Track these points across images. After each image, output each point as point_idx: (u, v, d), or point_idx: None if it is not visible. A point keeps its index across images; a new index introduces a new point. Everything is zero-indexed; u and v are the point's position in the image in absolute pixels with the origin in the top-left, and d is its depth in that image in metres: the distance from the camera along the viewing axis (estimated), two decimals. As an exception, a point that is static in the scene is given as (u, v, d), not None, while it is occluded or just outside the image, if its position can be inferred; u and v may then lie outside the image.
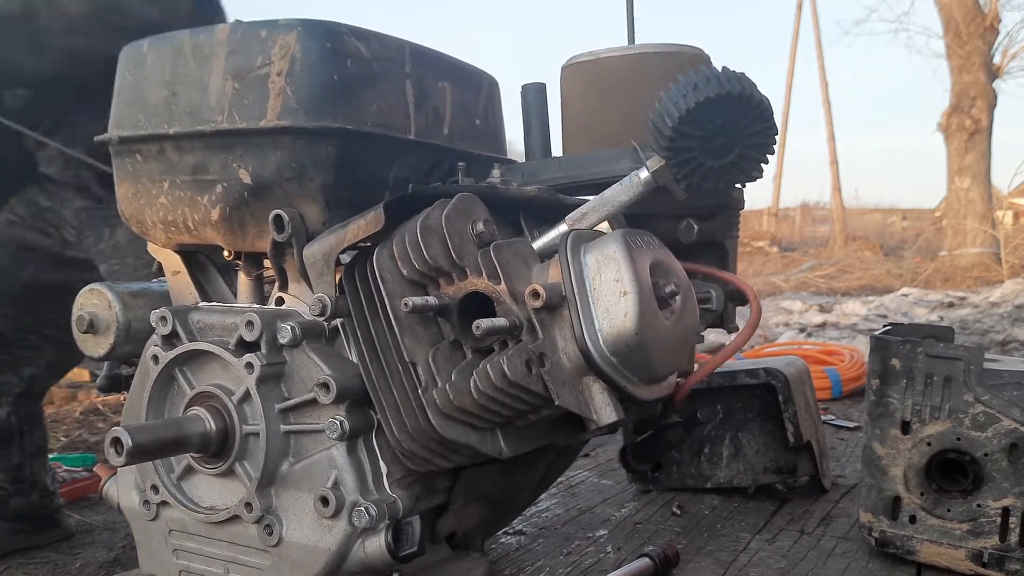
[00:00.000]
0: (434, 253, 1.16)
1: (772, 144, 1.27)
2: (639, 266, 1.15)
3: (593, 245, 1.18)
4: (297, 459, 1.25)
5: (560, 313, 1.14)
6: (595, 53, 1.53)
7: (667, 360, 1.22)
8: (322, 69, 1.22)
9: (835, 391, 3.55)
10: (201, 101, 1.27)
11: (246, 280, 1.37)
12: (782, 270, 12.39)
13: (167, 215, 1.33)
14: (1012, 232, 12.58)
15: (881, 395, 1.74)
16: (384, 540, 1.20)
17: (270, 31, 1.23)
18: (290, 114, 1.21)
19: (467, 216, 1.19)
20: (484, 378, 1.11)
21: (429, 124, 1.36)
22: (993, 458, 1.63)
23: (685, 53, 1.51)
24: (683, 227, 1.52)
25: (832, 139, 20.28)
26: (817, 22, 24.54)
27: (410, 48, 1.34)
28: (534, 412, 1.17)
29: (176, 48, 1.30)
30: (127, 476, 1.39)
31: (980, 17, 12.17)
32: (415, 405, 1.18)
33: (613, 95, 1.50)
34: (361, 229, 1.20)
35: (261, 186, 1.24)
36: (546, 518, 2.08)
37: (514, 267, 1.17)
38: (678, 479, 2.25)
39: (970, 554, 1.65)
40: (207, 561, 1.32)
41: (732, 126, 1.24)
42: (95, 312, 1.40)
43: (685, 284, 1.27)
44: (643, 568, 1.67)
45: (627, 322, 1.12)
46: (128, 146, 1.35)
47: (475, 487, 1.41)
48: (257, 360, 1.22)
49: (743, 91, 1.22)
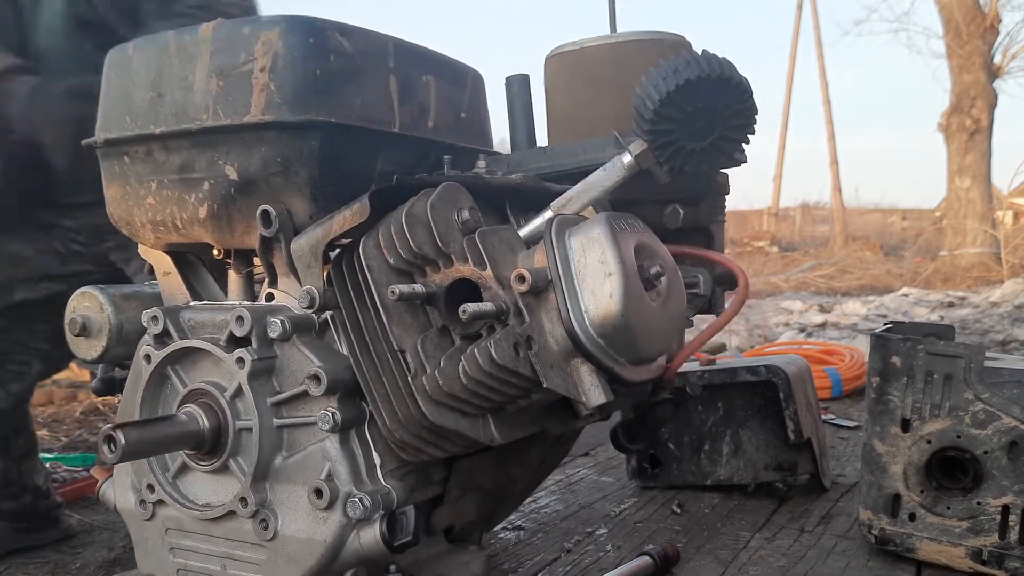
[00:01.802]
0: (420, 241, 1.16)
1: (752, 124, 1.27)
2: (623, 248, 1.16)
3: (578, 228, 1.18)
4: (290, 452, 1.25)
5: (546, 296, 1.15)
6: (578, 43, 1.54)
7: (654, 341, 1.23)
8: (305, 64, 1.23)
9: (835, 390, 3.55)
10: (186, 100, 1.28)
11: (236, 277, 1.38)
12: (782, 270, 12.40)
13: (156, 215, 1.34)
14: (1012, 232, 12.59)
15: (881, 392, 1.73)
16: (379, 530, 1.20)
17: (253, 28, 1.24)
18: (274, 109, 1.22)
19: (452, 204, 1.20)
20: (472, 363, 1.11)
21: (414, 118, 1.37)
22: (993, 456, 1.62)
23: (667, 40, 1.52)
24: (668, 212, 1.53)
25: (832, 139, 20.37)
26: (817, 22, 24.73)
27: (394, 43, 1.35)
28: (524, 396, 1.17)
29: (161, 48, 1.31)
30: (123, 477, 1.40)
31: (980, 17, 12.21)
32: (405, 393, 1.18)
33: (597, 84, 1.51)
34: (347, 220, 1.20)
35: (247, 182, 1.25)
36: (545, 514, 2.08)
37: (500, 253, 1.18)
38: (678, 476, 2.24)
39: (970, 552, 1.64)
40: (204, 558, 1.32)
41: (713, 108, 1.24)
42: (87, 315, 1.41)
43: (671, 266, 1.27)
44: (643, 566, 1.66)
45: (612, 303, 1.13)
46: (115, 148, 1.36)
47: (470, 478, 1.42)
48: (248, 355, 1.23)
49: (723, 73, 1.23)
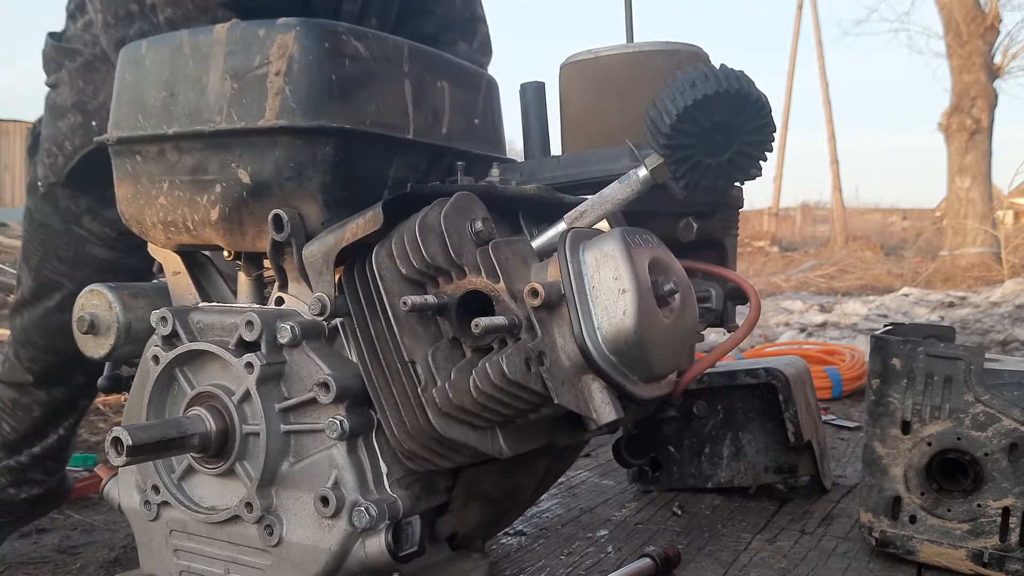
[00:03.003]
0: (432, 252, 1.16)
1: (770, 141, 1.27)
2: (638, 264, 1.15)
3: (592, 243, 1.18)
4: (297, 459, 1.25)
5: (559, 311, 1.14)
6: (594, 51, 1.53)
7: (666, 358, 1.22)
8: (320, 69, 1.22)
9: (836, 391, 3.55)
10: (200, 101, 1.27)
11: (246, 280, 1.37)
12: (782, 270, 12.40)
13: (167, 215, 1.33)
14: (1012, 232, 12.61)
15: (881, 395, 1.74)
16: (384, 540, 1.20)
17: (268, 31, 1.23)
18: (288, 114, 1.21)
19: (466, 214, 1.19)
20: (483, 377, 1.11)
21: (428, 123, 1.37)
22: (993, 458, 1.62)
23: (684, 51, 1.51)
24: (682, 225, 1.52)
25: (832, 139, 20.33)
26: (817, 22, 24.68)
27: (408, 47, 1.34)
28: (533, 411, 1.17)
29: (175, 48, 1.30)
30: (128, 477, 1.40)
31: (981, 17, 12.19)
32: (415, 404, 1.18)
33: (612, 93, 1.50)
34: (360, 228, 1.20)
35: (260, 186, 1.24)
36: (547, 518, 2.08)
37: (513, 265, 1.17)
38: (679, 479, 2.24)
39: (970, 554, 1.65)
40: (207, 561, 1.32)
41: (730, 123, 1.24)
42: (95, 313, 1.40)
43: (684, 282, 1.27)
44: (644, 568, 1.67)
45: (626, 320, 1.12)
46: (127, 147, 1.35)
47: (476, 487, 1.41)
48: (257, 360, 1.22)
49: (741, 88, 1.22)
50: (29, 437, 1.80)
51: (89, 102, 1.64)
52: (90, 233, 1.70)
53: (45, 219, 1.71)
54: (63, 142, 1.65)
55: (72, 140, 1.65)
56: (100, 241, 1.71)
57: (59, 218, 1.70)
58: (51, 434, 1.82)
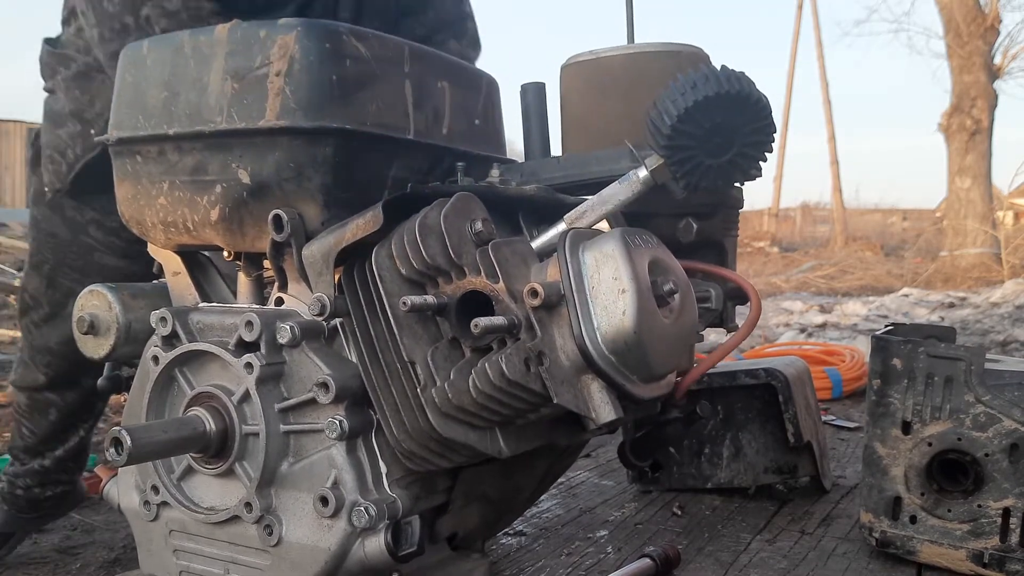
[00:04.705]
0: (432, 252, 1.16)
1: (770, 142, 1.27)
2: (637, 264, 1.15)
3: (591, 243, 1.18)
4: (297, 459, 1.25)
5: (559, 311, 1.14)
6: (595, 52, 1.53)
7: (666, 358, 1.22)
8: (320, 69, 1.22)
9: (836, 391, 3.55)
10: (200, 101, 1.27)
11: (245, 280, 1.37)
12: (782, 270, 12.40)
13: (167, 216, 1.33)
14: (1013, 232, 12.59)
15: (882, 395, 1.74)
16: (384, 540, 1.20)
17: (269, 31, 1.23)
18: (288, 114, 1.21)
19: (465, 215, 1.19)
20: (483, 377, 1.11)
21: (428, 124, 1.37)
22: (994, 458, 1.63)
23: (685, 52, 1.51)
24: (682, 226, 1.52)
25: (832, 139, 20.31)
26: (817, 22, 24.65)
27: (409, 48, 1.34)
28: (533, 411, 1.17)
29: (176, 48, 1.30)
30: (127, 477, 1.40)
31: (981, 17, 12.18)
32: (414, 404, 1.18)
33: (612, 94, 1.50)
34: (360, 229, 1.20)
35: (260, 186, 1.24)
36: (546, 519, 2.08)
37: (512, 266, 1.17)
38: (679, 479, 2.25)
39: (971, 555, 1.65)
40: (207, 561, 1.32)
41: (730, 124, 1.24)
42: (95, 313, 1.40)
43: (684, 282, 1.27)
44: (644, 568, 1.67)
45: (625, 320, 1.12)
46: (128, 147, 1.35)
47: (475, 487, 1.41)
48: (256, 360, 1.22)
49: (742, 89, 1.22)
50: (50, 441, 1.84)
51: (86, 111, 1.65)
52: (97, 242, 1.73)
53: (53, 229, 1.74)
54: (65, 149, 1.67)
55: (73, 148, 1.66)
56: (108, 249, 1.74)
57: (67, 228, 1.73)
58: (71, 438, 1.86)
